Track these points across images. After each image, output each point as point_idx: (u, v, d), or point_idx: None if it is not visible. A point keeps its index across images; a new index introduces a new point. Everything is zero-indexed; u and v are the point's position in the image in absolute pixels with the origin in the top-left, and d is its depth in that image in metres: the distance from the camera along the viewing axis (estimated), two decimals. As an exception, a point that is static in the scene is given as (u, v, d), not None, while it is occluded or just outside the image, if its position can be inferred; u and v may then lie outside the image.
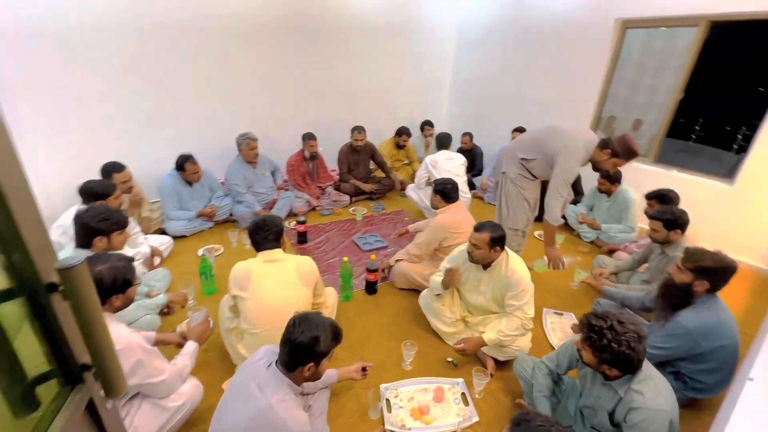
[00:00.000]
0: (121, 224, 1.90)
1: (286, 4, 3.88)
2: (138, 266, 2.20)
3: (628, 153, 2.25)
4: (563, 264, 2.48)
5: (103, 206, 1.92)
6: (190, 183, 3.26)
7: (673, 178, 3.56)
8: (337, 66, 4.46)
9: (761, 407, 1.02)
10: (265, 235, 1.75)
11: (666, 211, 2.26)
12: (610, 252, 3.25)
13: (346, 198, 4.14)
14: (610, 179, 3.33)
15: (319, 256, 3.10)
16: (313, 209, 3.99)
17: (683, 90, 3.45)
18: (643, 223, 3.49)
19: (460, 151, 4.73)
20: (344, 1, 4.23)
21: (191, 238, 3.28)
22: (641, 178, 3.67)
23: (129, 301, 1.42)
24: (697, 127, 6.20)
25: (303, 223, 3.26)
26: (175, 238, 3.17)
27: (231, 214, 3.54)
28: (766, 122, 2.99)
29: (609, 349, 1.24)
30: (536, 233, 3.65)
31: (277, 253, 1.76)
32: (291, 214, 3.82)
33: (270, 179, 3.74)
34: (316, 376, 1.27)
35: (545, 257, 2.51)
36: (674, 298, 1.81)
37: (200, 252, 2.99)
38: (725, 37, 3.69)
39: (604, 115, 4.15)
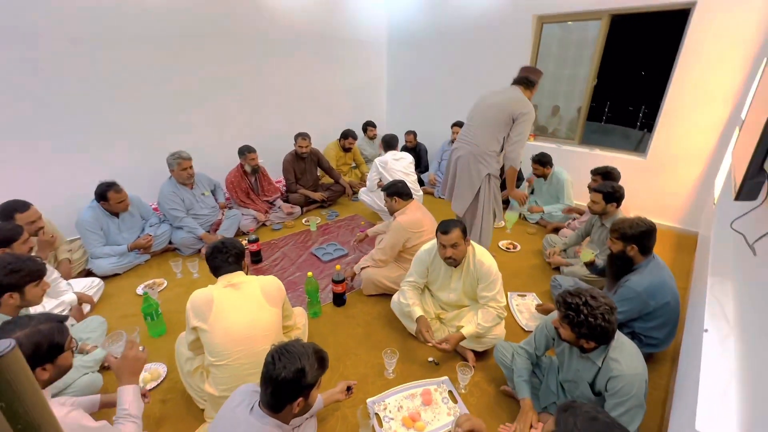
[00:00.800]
0: (36, 274, 1.58)
1: (213, 10, 3.61)
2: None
3: (539, 74, 2.55)
4: (527, 198, 2.85)
5: (8, 255, 1.58)
6: (116, 214, 2.86)
7: (596, 156, 3.94)
8: (271, 73, 4.26)
9: (722, 354, 1.14)
10: (224, 257, 1.59)
11: (606, 185, 2.49)
12: (555, 230, 3.50)
13: (298, 209, 3.96)
14: (542, 164, 3.57)
15: (278, 274, 2.91)
16: (263, 225, 3.76)
17: (596, 77, 3.83)
18: (579, 200, 3.83)
19: (405, 149, 4.78)
20: (275, 8, 4.04)
21: (126, 275, 2.88)
22: (570, 158, 4.02)
23: (62, 371, 1.15)
24: (606, 110, 6.99)
25: (255, 241, 3.04)
26: (105, 278, 2.76)
27: (170, 242, 3.18)
28: (665, 103, 3.42)
29: (586, 323, 1.31)
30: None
31: (239, 275, 1.61)
32: (239, 233, 3.55)
33: (211, 199, 3.43)
34: (306, 410, 1.16)
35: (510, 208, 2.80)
36: (619, 266, 2.00)
37: (140, 290, 2.64)
38: (623, 29, 4.21)
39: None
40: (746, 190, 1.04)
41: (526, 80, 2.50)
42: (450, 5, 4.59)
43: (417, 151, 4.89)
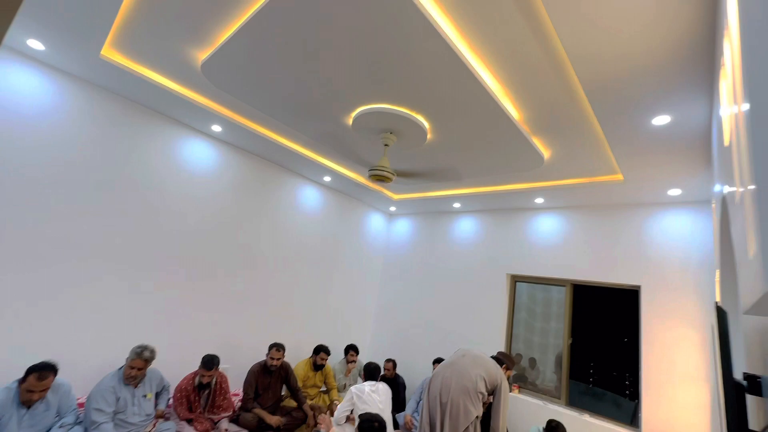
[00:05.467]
0: None
1: (214, 217, 4.06)
2: None
3: (514, 362, 3.20)
4: None
5: None
6: (27, 403, 2.44)
7: (587, 422, 3.65)
8: (261, 282, 4.48)
9: None
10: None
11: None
12: None
13: (244, 434, 3.35)
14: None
15: None
16: (195, 451, 3.08)
17: (570, 335, 4.10)
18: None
19: (383, 379, 4.52)
20: (276, 222, 4.76)
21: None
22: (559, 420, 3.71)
23: None
24: (591, 371, 6.99)
25: (176, 473, 2.43)
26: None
27: (71, 455, 2.55)
28: (642, 375, 3.51)
29: None
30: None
31: None
32: (161, 457, 2.87)
33: (151, 404, 2.98)
34: None
35: None
36: None
37: None
38: (601, 295, 4.86)
39: (513, 352, 4.58)
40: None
41: (501, 361, 3.08)
42: (437, 251, 5.50)
43: (396, 384, 4.59)
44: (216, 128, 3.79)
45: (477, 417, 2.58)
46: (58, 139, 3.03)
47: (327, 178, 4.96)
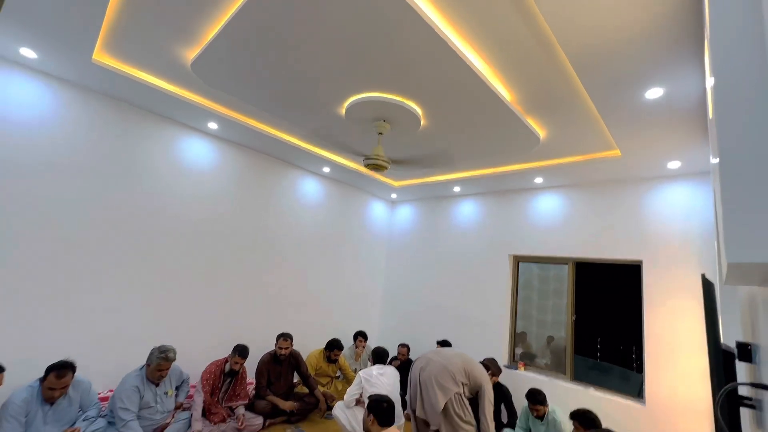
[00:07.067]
0: None
1: (218, 213, 4.16)
2: None
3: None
4: None
5: None
6: (50, 401, 2.58)
7: (591, 396, 3.74)
8: (268, 272, 4.59)
9: None
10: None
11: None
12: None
13: (260, 420, 3.50)
14: (539, 402, 3.35)
15: None
16: (213, 438, 3.24)
17: (573, 312, 4.15)
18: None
19: (397, 362, 4.67)
20: (283, 212, 4.86)
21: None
22: (562, 395, 3.81)
23: None
24: (598, 346, 7.07)
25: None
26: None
27: (96, 445, 2.70)
28: (645, 347, 3.56)
29: None
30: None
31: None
32: (181, 445, 3.02)
33: (171, 401, 3.11)
34: None
35: None
36: None
37: None
38: (602, 273, 4.94)
39: (517, 330, 4.67)
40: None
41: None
42: (440, 235, 5.54)
43: (410, 366, 4.71)
44: (212, 125, 3.82)
45: (458, 393, 2.71)
46: (57, 146, 3.09)
47: (326, 169, 4.99)
